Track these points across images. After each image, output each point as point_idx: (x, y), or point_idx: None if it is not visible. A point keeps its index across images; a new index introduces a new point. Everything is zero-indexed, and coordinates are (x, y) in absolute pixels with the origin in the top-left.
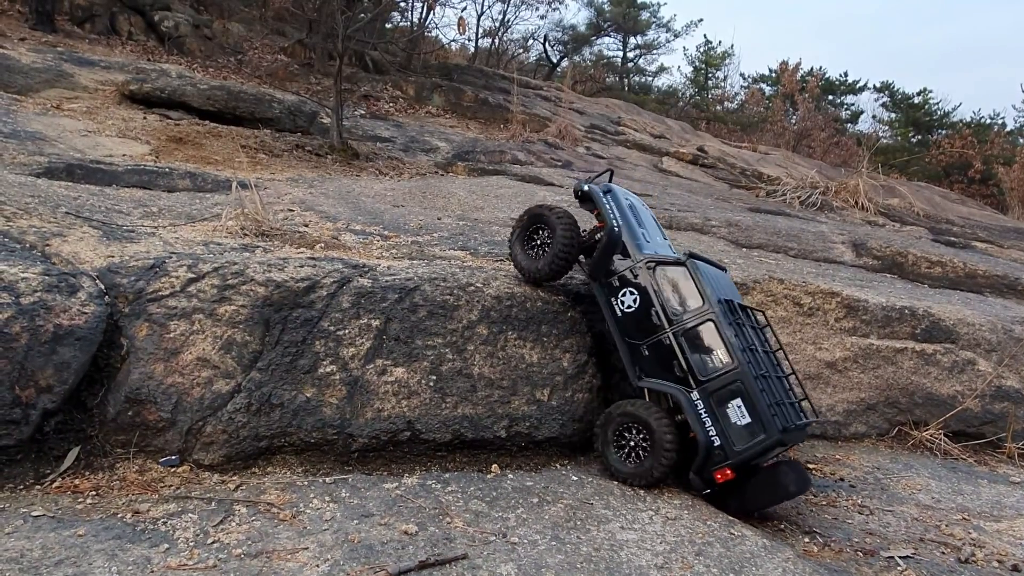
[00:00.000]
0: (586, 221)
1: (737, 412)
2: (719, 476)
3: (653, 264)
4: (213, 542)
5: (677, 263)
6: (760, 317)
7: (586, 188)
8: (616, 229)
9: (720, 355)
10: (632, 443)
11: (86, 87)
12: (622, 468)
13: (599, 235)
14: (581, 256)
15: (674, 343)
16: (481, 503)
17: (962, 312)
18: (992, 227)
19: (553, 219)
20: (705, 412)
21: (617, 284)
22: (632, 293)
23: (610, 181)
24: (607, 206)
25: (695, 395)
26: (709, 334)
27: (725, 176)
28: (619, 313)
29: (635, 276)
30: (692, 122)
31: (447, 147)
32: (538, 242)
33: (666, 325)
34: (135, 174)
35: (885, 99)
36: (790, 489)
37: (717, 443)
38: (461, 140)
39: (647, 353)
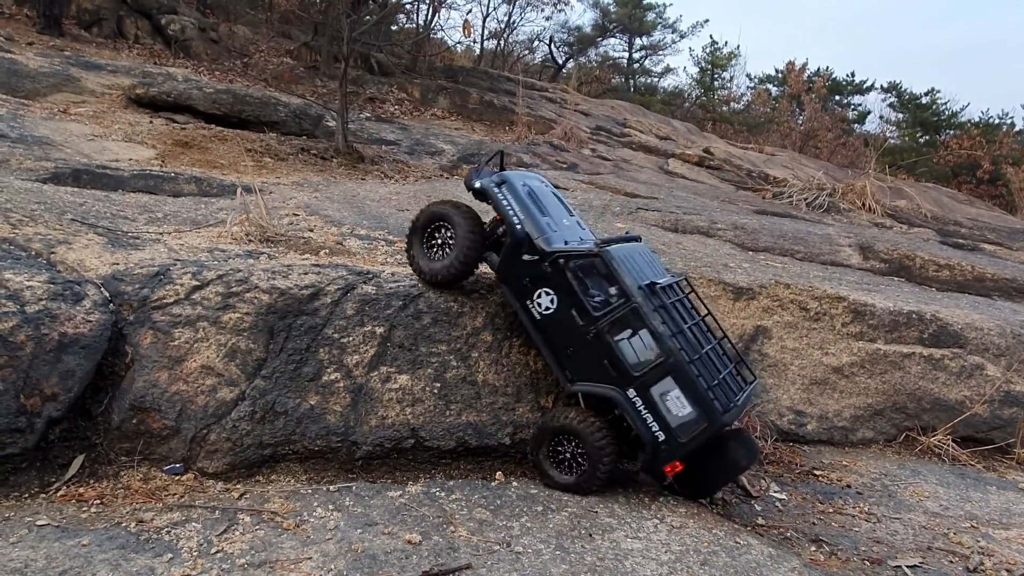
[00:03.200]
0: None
1: (678, 404)
2: (669, 470)
3: (565, 259)
4: (216, 552)
5: (590, 255)
6: (683, 283)
7: (477, 185)
8: (519, 227)
9: (650, 346)
10: (568, 454)
11: (93, 91)
12: (560, 479)
13: (501, 228)
14: (492, 254)
15: (600, 341)
16: (485, 511)
17: (970, 316)
18: (1001, 228)
19: (455, 217)
20: (645, 409)
21: (529, 284)
22: (548, 293)
23: (502, 163)
24: (504, 202)
25: (631, 392)
26: (635, 326)
27: (731, 177)
28: (537, 316)
29: (547, 273)
30: (698, 123)
31: (452, 150)
32: (439, 241)
33: (589, 323)
34: (141, 179)
35: (892, 99)
36: (741, 464)
37: (662, 439)
38: (466, 143)
39: (573, 355)
